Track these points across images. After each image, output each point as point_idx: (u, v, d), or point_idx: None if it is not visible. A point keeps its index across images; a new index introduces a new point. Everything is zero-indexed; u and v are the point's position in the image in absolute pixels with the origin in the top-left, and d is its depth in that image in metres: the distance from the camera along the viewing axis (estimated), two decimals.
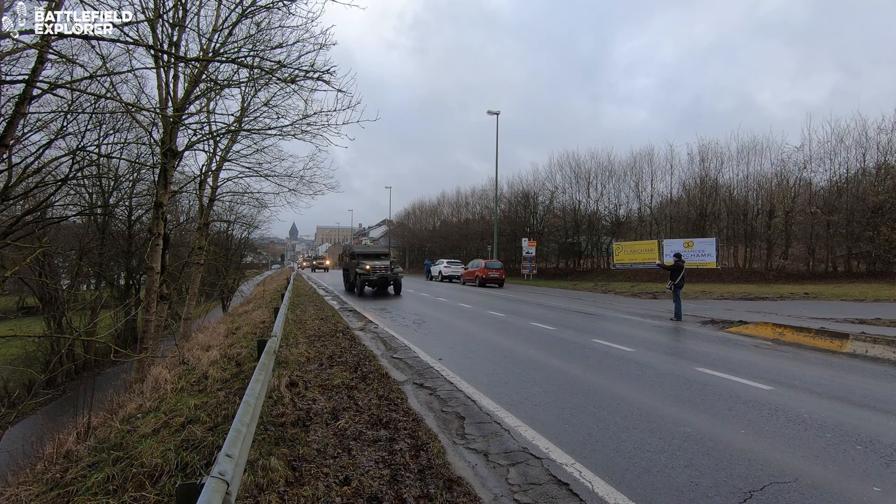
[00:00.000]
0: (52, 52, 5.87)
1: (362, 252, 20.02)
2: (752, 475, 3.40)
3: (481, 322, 11.42)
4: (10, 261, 11.36)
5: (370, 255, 19.91)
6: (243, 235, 34.56)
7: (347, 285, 20.47)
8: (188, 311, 15.95)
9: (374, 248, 24.89)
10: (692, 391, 5.57)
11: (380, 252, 21.31)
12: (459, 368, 6.62)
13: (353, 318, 12.00)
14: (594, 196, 35.20)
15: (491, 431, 4.28)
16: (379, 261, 18.89)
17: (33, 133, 11.30)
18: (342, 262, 22.23)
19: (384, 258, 19.90)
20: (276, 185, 15.60)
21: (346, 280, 21.00)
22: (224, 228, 26.80)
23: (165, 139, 9.52)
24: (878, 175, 23.37)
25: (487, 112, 31.89)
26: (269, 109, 11.88)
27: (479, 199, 48.68)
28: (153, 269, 9.43)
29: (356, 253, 19.60)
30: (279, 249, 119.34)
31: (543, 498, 3.09)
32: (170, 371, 7.04)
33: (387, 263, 18.49)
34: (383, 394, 5.33)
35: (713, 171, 29.06)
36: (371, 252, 20.68)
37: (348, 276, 20.29)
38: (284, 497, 3.03)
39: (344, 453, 3.73)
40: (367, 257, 19.42)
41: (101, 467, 3.67)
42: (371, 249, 22.07)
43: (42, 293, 17.60)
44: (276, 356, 6.22)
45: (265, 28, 9.89)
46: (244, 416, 3.07)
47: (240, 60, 8.14)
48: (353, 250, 20.01)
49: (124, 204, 20.81)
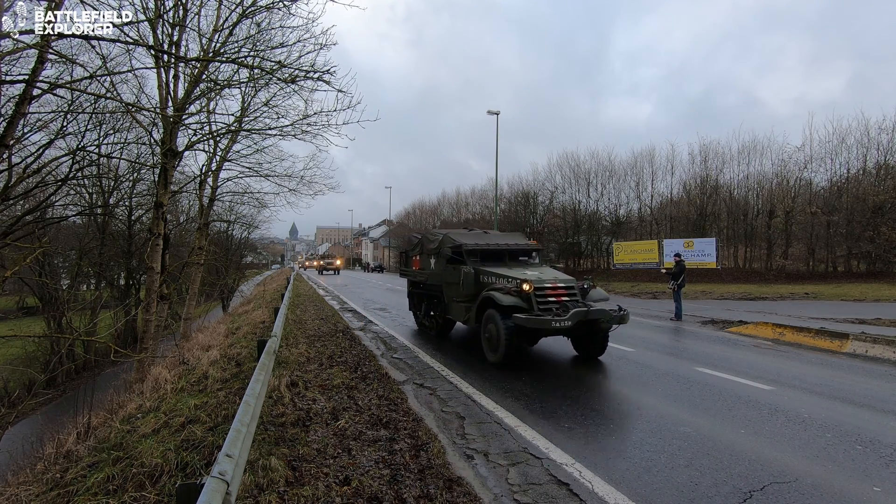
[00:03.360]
0: (52, 52, 5.87)
1: (491, 249, 8.29)
2: (752, 475, 3.40)
3: None
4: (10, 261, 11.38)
5: (513, 257, 8.46)
6: (243, 235, 34.53)
7: (428, 317, 9.66)
8: (188, 311, 15.94)
9: (512, 240, 9.03)
10: (692, 391, 5.57)
11: (527, 248, 8.73)
12: (460, 368, 6.61)
13: (353, 319, 12.00)
14: (594, 196, 35.18)
15: (491, 431, 4.28)
16: (538, 271, 7.48)
17: (33, 133, 11.29)
18: (407, 264, 10.83)
19: (541, 266, 8.21)
20: (276, 185, 15.57)
21: (417, 305, 10.35)
22: (224, 228, 26.78)
23: (165, 139, 9.52)
24: (879, 175, 23.37)
25: (487, 112, 31.82)
26: (269, 109, 11.88)
27: (479, 199, 48.66)
28: (153, 269, 9.43)
29: (470, 250, 8.11)
30: (279, 249, 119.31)
31: (543, 498, 3.09)
32: (170, 371, 7.04)
33: (568, 282, 7.09)
34: (383, 394, 5.33)
35: (714, 171, 29.04)
36: (512, 248, 8.52)
37: (431, 301, 9.41)
38: (284, 497, 3.03)
39: (344, 453, 3.73)
40: (501, 258, 8.29)
41: (101, 467, 3.67)
42: (510, 241, 8.81)
43: (42, 293, 17.60)
44: (276, 356, 6.22)
45: (265, 28, 9.88)
46: (244, 416, 3.07)
47: (240, 60, 8.13)
48: (458, 243, 8.25)
49: (124, 204, 20.80)
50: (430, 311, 9.52)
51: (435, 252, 8.83)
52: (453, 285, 7.96)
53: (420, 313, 10.12)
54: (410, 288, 10.73)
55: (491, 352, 6.79)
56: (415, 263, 10.18)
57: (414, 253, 10.29)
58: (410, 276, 10.42)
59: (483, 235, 9.05)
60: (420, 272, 9.74)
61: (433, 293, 9.12)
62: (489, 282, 7.29)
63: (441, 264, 8.48)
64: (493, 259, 8.17)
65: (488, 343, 6.84)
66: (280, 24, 9.61)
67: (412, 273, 10.25)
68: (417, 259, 10.04)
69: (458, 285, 7.64)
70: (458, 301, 7.89)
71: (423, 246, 9.72)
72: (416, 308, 10.37)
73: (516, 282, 6.70)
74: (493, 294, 6.68)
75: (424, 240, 9.76)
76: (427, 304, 9.67)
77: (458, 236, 8.57)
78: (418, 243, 10.10)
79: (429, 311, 9.57)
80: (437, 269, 8.70)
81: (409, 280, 10.66)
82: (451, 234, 8.71)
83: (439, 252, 8.61)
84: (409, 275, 10.50)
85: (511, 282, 6.85)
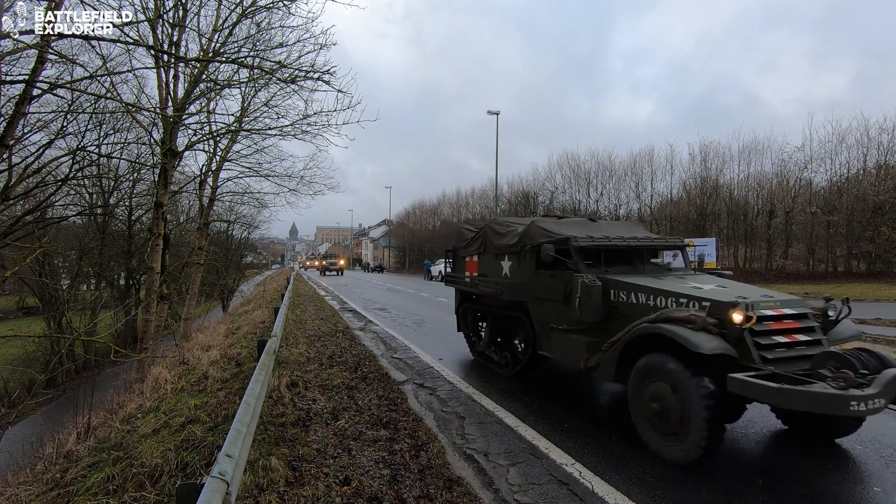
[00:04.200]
0: (52, 52, 5.87)
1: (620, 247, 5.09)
2: (753, 474, 3.40)
3: None
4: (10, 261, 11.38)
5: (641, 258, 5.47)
6: (243, 235, 34.53)
7: (494, 347, 6.69)
8: (188, 311, 15.94)
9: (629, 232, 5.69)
10: None
11: (672, 245, 5.60)
12: (460, 368, 6.62)
13: (353, 318, 12.00)
14: (594, 196, 35.22)
15: (491, 431, 4.28)
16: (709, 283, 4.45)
17: (33, 133, 11.31)
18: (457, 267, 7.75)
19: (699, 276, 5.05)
20: (276, 185, 15.59)
21: (473, 327, 7.48)
22: (224, 228, 26.78)
23: (165, 139, 9.52)
24: (879, 175, 23.38)
25: (487, 112, 31.85)
26: (269, 109, 11.89)
27: (479, 199, 48.76)
28: (153, 269, 9.43)
29: (584, 247, 4.92)
30: (279, 249, 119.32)
31: (543, 498, 3.09)
32: (170, 371, 7.05)
33: (796, 306, 3.91)
34: (383, 394, 5.33)
35: (714, 171, 29.06)
36: (649, 245, 5.30)
37: (504, 324, 6.51)
38: (284, 497, 3.03)
39: (344, 453, 3.73)
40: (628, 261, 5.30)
41: (101, 467, 3.67)
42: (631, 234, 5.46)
43: (42, 293, 17.59)
44: (276, 356, 6.22)
45: (265, 28, 9.89)
46: (244, 416, 3.07)
47: (240, 61, 8.14)
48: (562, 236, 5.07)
49: (124, 204, 20.81)
50: (499, 339, 6.65)
51: (512, 250, 5.80)
52: (552, 303, 4.98)
53: (480, 340, 7.08)
54: (461, 301, 7.60)
55: (663, 435, 3.65)
56: (469, 266, 7.10)
57: (469, 251, 7.08)
58: (462, 284, 7.24)
59: (587, 225, 5.83)
60: (481, 280, 6.54)
61: (508, 313, 6.05)
62: (630, 301, 4.26)
63: (526, 268, 5.51)
64: (616, 262, 5.05)
65: (656, 420, 3.70)
66: (280, 23, 9.62)
67: (466, 281, 7.09)
68: (475, 260, 6.92)
69: (564, 303, 4.70)
70: (564, 330, 4.82)
71: (486, 240, 6.53)
72: (472, 331, 7.34)
73: (706, 304, 3.68)
74: (673, 330, 3.53)
75: (489, 232, 6.46)
76: (494, 327, 6.69)
77: (554, 225, 5.53)
78: (478, 236, 6.83)
79: (496, 339, 6.68)
80: (520, 276, 5.64)
81: (460, 290, 7.56)
82: (540, 222, 5.56)
83: (521, 250, 5.58)
84: (461, 283, 7.31)
85: (688, 303, 3.85)
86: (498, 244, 6.19)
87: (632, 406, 3.90)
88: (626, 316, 4.21)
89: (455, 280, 7.55)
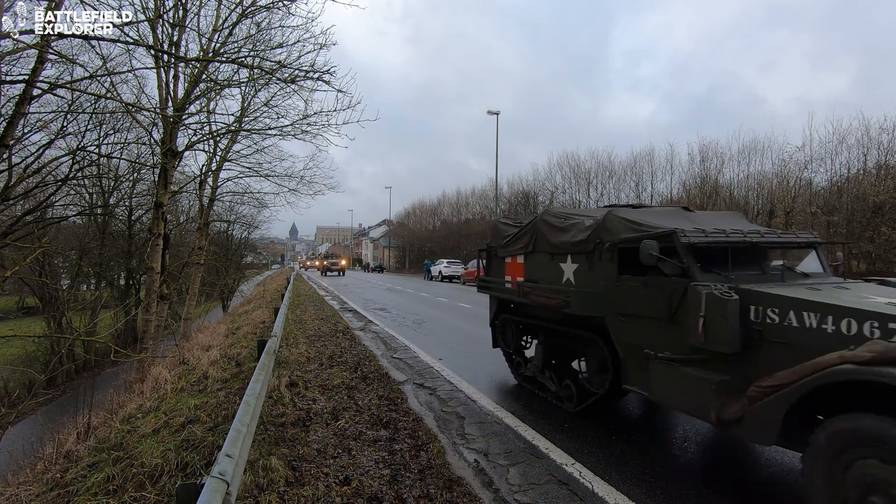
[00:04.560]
0: (52, 52, 5.88)
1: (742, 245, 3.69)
2: (752, 475, 3.40)
3: (482, 322, 11.40)
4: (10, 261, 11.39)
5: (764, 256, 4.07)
6: (243, 235, 34.54)
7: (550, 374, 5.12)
8: (188, 311, 15.95)
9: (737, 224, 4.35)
10: None
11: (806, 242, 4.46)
12: (460, 368, 6.61)
13: (353, 318, 12.00)
14: (594, 196, 35.26)
15: (491, 431, 4.28)
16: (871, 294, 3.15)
17: (33, 133, 11.33)
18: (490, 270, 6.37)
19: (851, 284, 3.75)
20: (276, 185, 15.61)
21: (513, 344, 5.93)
22: (224, 228, 26.79)
23: (165, 139, 9.53)
24: (879, 175, 23.39)
25: (487, 112, 31.95)
26: (269, 109, 11.90)
27: (479, 199, 48.78)
28: (153, 269, 9.44)
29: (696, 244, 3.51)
30: (279, 249, 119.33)
31: (543, 498, 3.09)
32: (170, 371, 7.05)
33: None
34: (383, 394, 5.33)
35: (714, 171, 29.09)
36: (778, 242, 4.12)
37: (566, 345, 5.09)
38: (284, 497, 3.03)
39: (344, 453, 3.73)
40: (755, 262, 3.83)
41: (101, 467, 3.67)
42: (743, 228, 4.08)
43: (42, 293, 17.60)
44: (277, 356, 6.22)
45: (265, 28, 9.90)
46: (244, 416, 3.07)
47: (240, 60, 8.15)
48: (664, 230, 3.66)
49: (124, 204, 20.82)
50: (554, 362, 5.21)
51: (579, 248, 4.42)
52: (647, 321, 3.69)
53: (527, 362, 5.60)
54: (499, 311, 6.18)
55: None
56: (511, 269, 5.65)
57: (511, 250, 5.60)
58: (501, 291, 5.88)
59: (682, 216, 4.45)
60: (530, 287, 5.00)
61: (572, 330, 4.65)
62: (787, 323, 2.97)
63: (603, 273, 4.13)
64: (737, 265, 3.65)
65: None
66: (280, 23, 9.64)
67: (506, 287, 5.72)
68: (519, 261, 5.44)
69: (670, 321, 3.49)
70: (669, 360, 3.43)
71: (536, 237, 5.09)
72: (515, 350, 5.87)
73: None
74: None
75: (542, 226, 5.00)
76: (549, 347, 5.20)
77: (640, 216, 4.16)
78: (524, 232, 5.35)
79: (551, 361, 5.21)
80: (592, 283, 4.26)
81: (497, 297, 6.14)
82: (620, 212, 4.27)
83: (595, 248, 4.22)
84: (498, 289, 5.96)
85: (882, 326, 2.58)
86: (556, 241, 4.75)
87: (815, 492, 2.50)
88: (781, 345, 2.90)
89: (490, 286, 6.20)
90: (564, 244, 4.64)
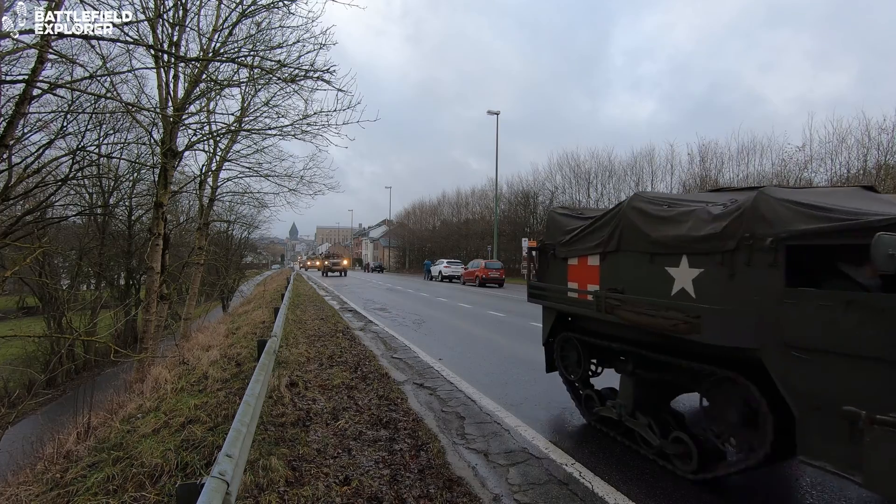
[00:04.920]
0: (52, 52, 5.88)
1: None
2: (752, 475, 3.40)
3: (481, 322, 11.41)
4: (10, 261, 11.39)
5: None
6: (243, 235, 34.59)
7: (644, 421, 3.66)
8: (188, 311, 15.95)
9: None
10: None
11: None
12: (459, 368, 6.61)
13: (353, 318, 12.00)
14: (594, 196, 35.26)
15: (491, 431, 4.28)
16: None
17: (33, 133, 11.34)
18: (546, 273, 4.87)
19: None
20: (276, 185, 15.63)
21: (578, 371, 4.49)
22: (224, 228, 26.81)
23: (165, 139, 9.52)
24: (879, 175, 23.39)
25: (487, 112, 32.00)
26: (269, 109, 11.90)
27: (479, 199, 48.84)
28: (153, 269, 9.44)
29: None
30: (279, 249, 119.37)
31: (543, 498, 3.09)
32: (170, 371, 7.05)
33: None
34: (383, 394, 5.33)
35: (713, 171, 29.11)
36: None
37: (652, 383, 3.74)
38: (284, 497, 3.03)
39: (344, 453, 3.73)
40: None
41: (101, 467, 3.67)
42: None
43: (42, 293, 17.60)
44: (276, 356, 6.22)
45: (265, 28, 9.90)
46: (244, 416, 3.07)
47: (240, 60, 8.15)
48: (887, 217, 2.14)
49: (124, 204, 20.84)
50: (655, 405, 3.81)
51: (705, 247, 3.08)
52: (855, 363, 2.31)
53: (604, 400, 4.29)
54: (556, 327, 4.84)
55: None
56: (578, 273, 4.37)
57: (579, 248, 4.35)
58: (562, 301, 4.54)
59: (871, 197, 3.23)
60: (616, 300, 3.70)
61: (695, 364, 3.24)
62: None
63: (754, 283, 2.78)
64: None
65: None
66: (280, 23, 9.64)
67: (568, 297, 4.45)
68: (593, 263, 4.19)
69: None
70: None
71: (623, 230, 3.80)
72: (581, 380, 4.58)
73: None
74: None
75: (633, 215, 3.71)
76: (646, 384, 3.84)
77: (818, 197, 2.83)
78: (601, 223, 4.07)
79: (651, 403, 3.82)
80: (733, 298, 2.88)
81: (555, 309, 4.75)
82: (778, 192, 2.84)
83: (739, 246, 2.85)
84: (558, 298, 4.59)
85: None
86: (659, 236, 3.38)
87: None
88: None
89: (544, 294, 4.73)
90: (676, 240, 3.26)
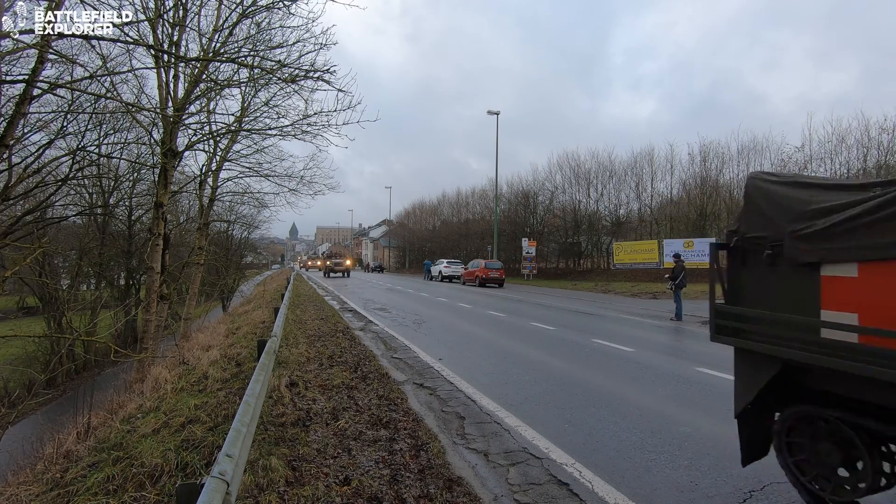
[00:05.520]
0: (52, 52, 5.88)
1: None
2: (752, 475, 3.39)
3: (481, 322, 11.41)
4: (10, 261, 11.39)
5: None
6: (243, 235, 34.59)
7: None
8: (188, 311, 15.95)
9: None
10: (692, 391, 5.57)
11: None
12: (460, 368, 6.61)
13: (353, 319, 12.00)
14: (594, 196, 35.22)
15: (491, 431, 4.27)
16: None
17: (33, 133, 11.35)
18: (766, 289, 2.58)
19: None
20: (276, 185, 15.65)
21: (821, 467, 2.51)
22: (224, 228, 26.81)
23: (165, 139, 9.52)
24: (879, 175, 23.38)
25: (487, 112, 32.01)
26: (269, 109, 11.90)
27: (479, 199, 48.77)
28: (153, 269, 9.43)
29: None
30: (279, 249, 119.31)
31: (543, 498, 3.09)
32: (170, 371, 7.05)
33: None
34: (383, 394, 5.33)
35: (714, 171, 29.08)
36: None
37: None
38: (284, 497, 3.03)
39: (344, 453, 3.73)
40: None
41: (101, 467, 3.67)
42: None
43: (42, 293, 17.61)
44: (276, 356, 6.22)
45: (265, 28, 9.90)
46: (244, 416, 3.07)
47: (240, 60, 8.15)
48: None
49: (124, 204, 20.84)
50: None
51: None
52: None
53: None
54: (777, 390, 2.87)
55: None
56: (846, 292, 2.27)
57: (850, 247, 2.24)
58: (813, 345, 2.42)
59: None
60: None
61: None
62: None
63: None
64: None
65: None
66: (280, 23, 9.64)
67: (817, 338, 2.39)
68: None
69: None
70: None
71: None
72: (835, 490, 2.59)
73: None
74: None
75: None
76: None
77: None
78: None
79: None
80: None
81: (776, 358, 2.63)
82: None
83: None
84: (789, 338, 2.55)
85: None
86: None
87: None
88: None
89: (751, 330, 2.85)
90: None
